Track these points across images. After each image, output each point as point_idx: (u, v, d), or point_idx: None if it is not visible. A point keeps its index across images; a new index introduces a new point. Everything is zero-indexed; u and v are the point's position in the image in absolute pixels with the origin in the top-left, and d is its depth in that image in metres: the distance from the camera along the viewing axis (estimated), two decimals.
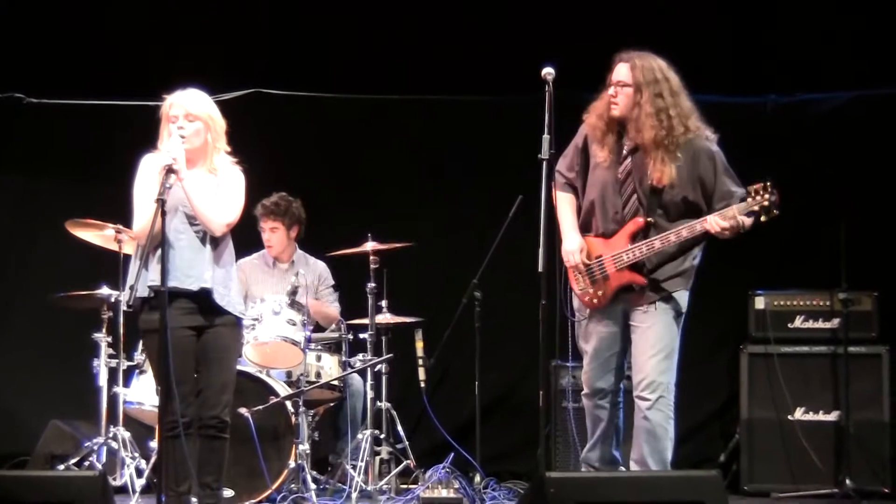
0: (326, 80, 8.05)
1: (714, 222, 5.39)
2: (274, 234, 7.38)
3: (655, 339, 5.55)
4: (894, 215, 7.57)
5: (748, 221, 5.43)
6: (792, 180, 7.58)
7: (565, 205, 5.68)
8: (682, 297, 5.62)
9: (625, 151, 5.59)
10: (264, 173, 6.97)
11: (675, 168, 5.45)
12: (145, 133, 5.52)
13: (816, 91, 7.89)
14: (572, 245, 5.62)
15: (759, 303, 7.32)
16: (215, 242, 5.39)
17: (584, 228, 5.69)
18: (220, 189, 5.41)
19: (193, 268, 5.32)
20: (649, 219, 5.53)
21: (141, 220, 5.33)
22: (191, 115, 5.38)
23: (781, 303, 7.30)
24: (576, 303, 5.72)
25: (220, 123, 5.48)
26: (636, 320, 5.60)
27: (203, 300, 5.35)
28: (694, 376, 7.53)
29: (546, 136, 5.30)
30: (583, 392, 5.79)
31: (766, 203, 5.33)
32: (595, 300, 5.64)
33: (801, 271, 7.50)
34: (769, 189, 5.33)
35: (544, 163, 5.30)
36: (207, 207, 5.33)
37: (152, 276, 5.23)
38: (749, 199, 5.36)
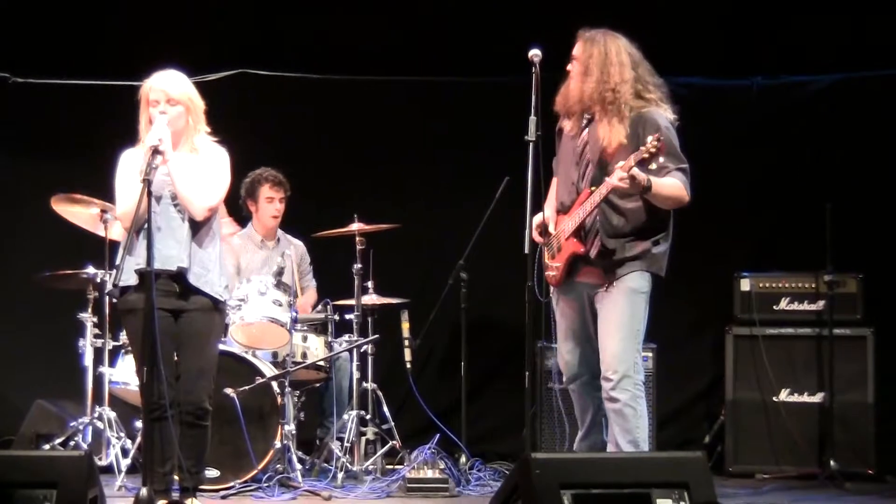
0: (313, 61, 8.02)
1: (615, 176, 5.32)
2: (282, 204, 7.37)
3: (615, 318, 5.52)
4: (879, 197, 7.58)
5: (644, 177, 5.30)
6: (778, 162, 7.66)
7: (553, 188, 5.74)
8: (641, 277, 5.54)
9: (583, 123, 5.62)
10: (250, 154, 6.97)
11: (622, 132, 5.43)
12: (130, 113, 5.49)
13: (802, 73, 7.89)
14: (536, 220, 5.57)
15: (745, 284, 7.33)
16: (195, 224, 5.39)
17: (559, 204, 5.71)
18: (203, 170, 5.40)
19: (172, 248, 5.31)
20: (592, 188, 5.51)
21: (124, 203, 5.33)
22: (172, 100, 5.37)
23: (767, 285, 7.31)
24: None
25: (200, 105, 5.48)
26: (598, 303, 5.59)
27: (180, 281, 5.34)
28: (679, 358, 7.59)
29: (532, 118, 5.30)
30: (564, 379, 5.79)
31: (652, 149, 5.22)
32: (554, 274, 5.67)
33: (786, 253, 7.51)
34: (658, 138, 5.23)
35: (531, 144, 5.29)
36: (191, 191, 5.33)
37: (137, 260, 5.22)
38: (641, 148, 5.27)
